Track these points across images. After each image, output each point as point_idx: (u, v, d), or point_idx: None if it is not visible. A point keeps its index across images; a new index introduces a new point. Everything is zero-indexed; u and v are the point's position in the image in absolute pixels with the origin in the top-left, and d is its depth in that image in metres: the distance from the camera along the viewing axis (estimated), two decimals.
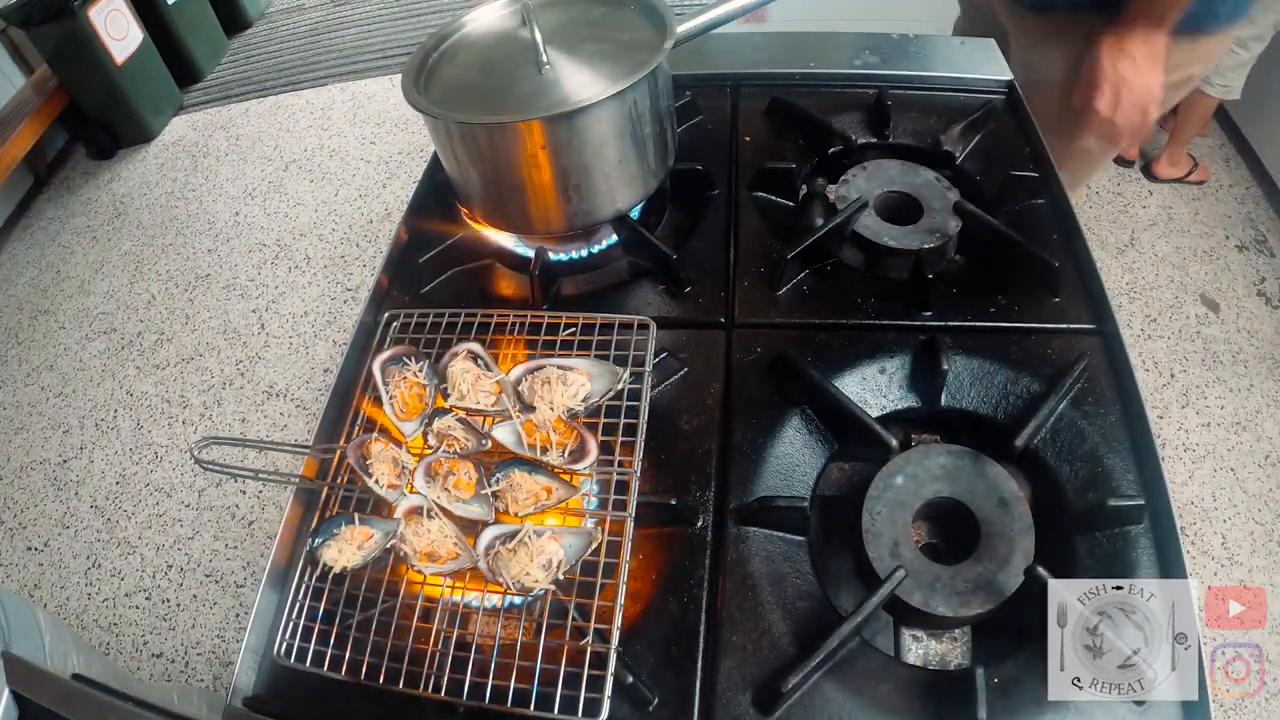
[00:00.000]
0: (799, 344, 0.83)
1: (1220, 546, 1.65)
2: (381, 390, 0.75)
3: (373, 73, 3.34)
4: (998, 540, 0.67)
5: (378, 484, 0.69)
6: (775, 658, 0.64)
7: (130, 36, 2.94)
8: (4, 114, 2.77)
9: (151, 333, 2.43)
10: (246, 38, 3.73)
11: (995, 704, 0.59)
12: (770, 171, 1.01)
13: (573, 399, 0.73)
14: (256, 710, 0.66)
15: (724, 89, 1.18)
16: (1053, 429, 0.75)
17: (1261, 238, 2.23)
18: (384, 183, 2.79)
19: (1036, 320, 0.84)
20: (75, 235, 2.81)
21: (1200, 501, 1.72)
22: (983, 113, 1.06)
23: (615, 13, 0.91)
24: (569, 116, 0.79)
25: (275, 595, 0.71)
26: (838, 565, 0.73)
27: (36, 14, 2.65)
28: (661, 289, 0.92)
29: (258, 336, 2.35)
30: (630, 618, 0.65)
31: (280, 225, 2.69)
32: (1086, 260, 0.88)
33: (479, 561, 0.64)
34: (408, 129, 2.98)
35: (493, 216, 0.93)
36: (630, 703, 0.62)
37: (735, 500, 0.72)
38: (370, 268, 2.48)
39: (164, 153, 3.10)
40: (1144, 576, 0.65)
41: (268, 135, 3.09)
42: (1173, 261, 2.20)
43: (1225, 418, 1.86)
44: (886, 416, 0.78)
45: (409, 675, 0.61)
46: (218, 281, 2.54)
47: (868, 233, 0.90)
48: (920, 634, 0.69)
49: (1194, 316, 2.07)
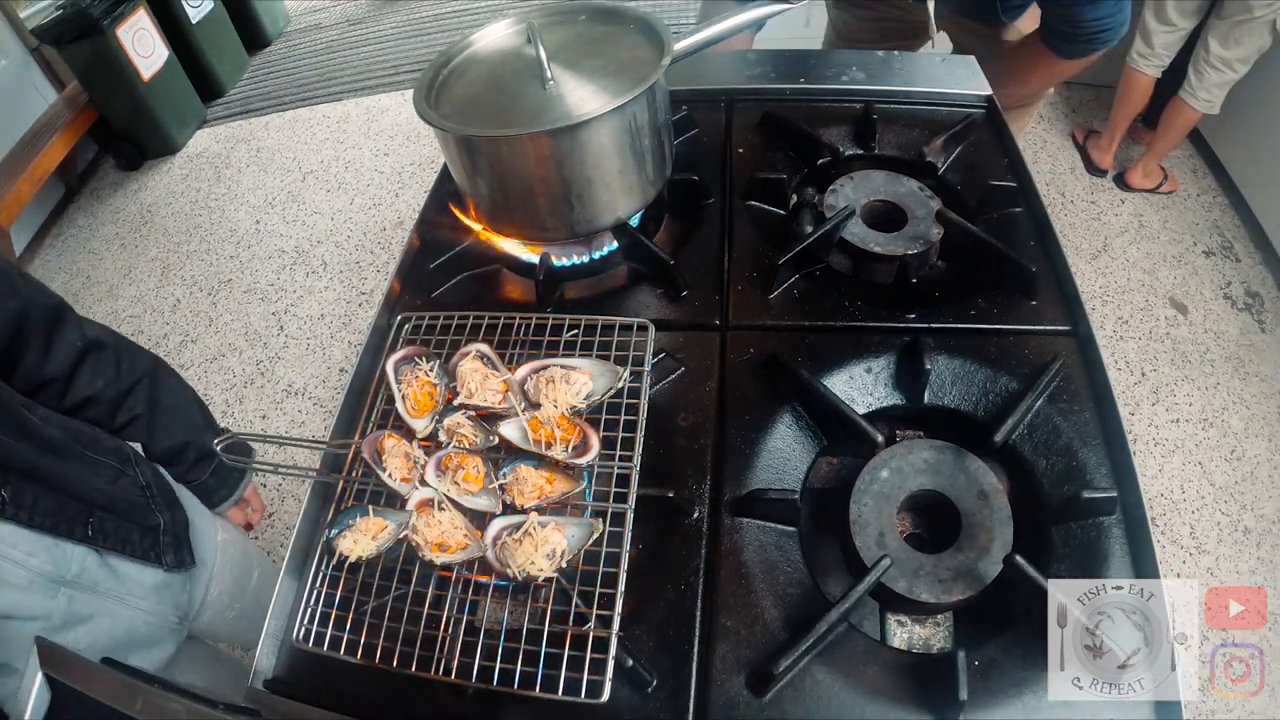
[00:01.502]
0: (790, 345, 0.83)
1: (1189, 536, 1.65)
2: (394, 389, 0.75)
3: (386, 88, 3.33)
4: (978, 530, 0.67)
5: (391, 478, 0.69)
6: (767, 642, 0.64)
7: (156, 54, 2.94)
8: (37, 128, 2.77)
9: (177, 334, 2.42)
10: (266, 55, 3.73)
11: (976, 685, 0.59)
12: (762, 181, 1.01)
13: (576, 397, 0.73)
14: (277, 692, 0.66)
15: (718, 103, 1.18)
16: (1030, 425, 0.75)
17: (1228, 244, 2.23)
18: (396, 192, 2.79)
19: (1014, 322, 0.84)
20: (104, 242, 2.81)
21: (1170, 494, 1.73)
22: (963, 126, 1.06)
23: (616, 31, 0.91)
24: (572, 130, 0.79)
25: (294, 583, 0.71)
26: (826, 554, 0.73)
27: (68, 33, 2.65)
28: (660, 293, 0.92)
29: (277, 338, 2.35)
30: (630, 604, 0.65)
31: (299, 233, 2.69)
32: (1062, 265, 0.88)
33: (487, 551, 0.64)
34: (419, 142, 2.98)
35: (499, 224, 0.93)
36: (630, 685, 0.62)
37: (730, 493, 0.73)
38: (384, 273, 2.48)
39: (188, 164, 3.10)
40: (1116, 565, 0.65)
41: (286, 147, 3.09)
42: (1143, 266, 2.20)
43: (1193, 414, 1.86)
44: (872, 413, 0.78)
45: (420, 659, 0.61)
46: (239, 286, 2.54)
47: (855, 239, 0.90)
48: (905, 619, 0.69)
49: (1163, 319, 2.07)
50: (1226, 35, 1.94)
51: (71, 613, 0.71)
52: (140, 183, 3.05)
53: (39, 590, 0.68)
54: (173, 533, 0.82)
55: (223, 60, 3.40)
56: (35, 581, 0.67)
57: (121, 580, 0.75)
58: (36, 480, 0.67)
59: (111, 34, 2.69)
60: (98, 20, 2.63)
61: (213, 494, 0.94)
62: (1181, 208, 2.36)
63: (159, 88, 2.96)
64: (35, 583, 0.67)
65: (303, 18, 4.00)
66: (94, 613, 0.73)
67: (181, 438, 0.89)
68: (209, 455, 0.90)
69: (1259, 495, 1.70)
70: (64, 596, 0.70)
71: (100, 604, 0.73)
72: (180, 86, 3.12)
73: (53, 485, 0.68)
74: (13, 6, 2.73)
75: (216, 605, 0.92)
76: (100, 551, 0.73)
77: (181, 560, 0.83)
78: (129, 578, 0.76)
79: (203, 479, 0.92)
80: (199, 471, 0.92)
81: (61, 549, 0.69)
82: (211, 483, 0.93)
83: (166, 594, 0.82)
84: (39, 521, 0.67)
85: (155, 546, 0.79)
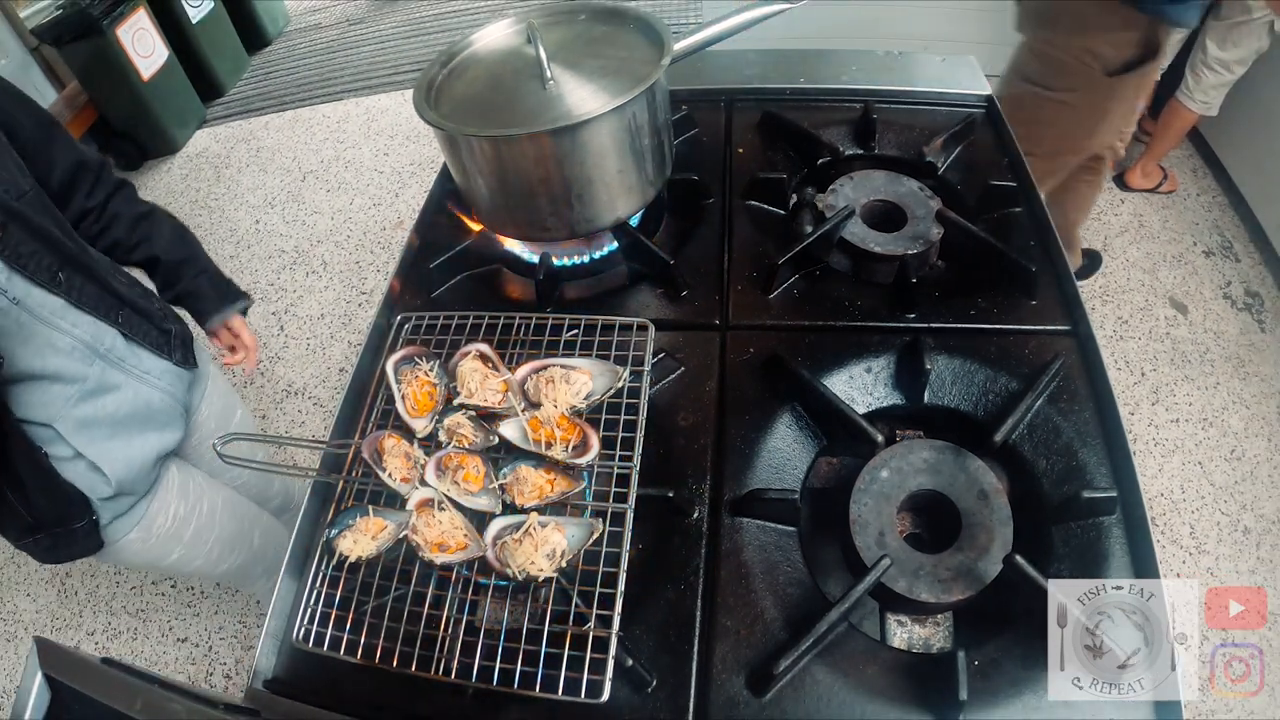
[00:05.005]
0: (790, 345, 0.83)
1: (1189, 536, 1.65)
2: (394, 388, 0.75)
3: (386, 88, 3.33)
4: (978, 530, 0.67)
5: (391, 477, 0.69)
6: (767, 642, 0.64)
7: (156, 54, 2.93)
8: None
9: None
10: (266, 55, 3.73)
11: (975, 685, 0.59)
12: (762, 181, 1.01)
13: (576, 397, 0.73)
14: (277, 692, 0.66)
15: (718, 103, 1.18)
16: (1030, 425, 0.75)
17: (1227, 244, 2.23)
18: (396, 192, 2.79)
19: (1014, 322, 0.84)
20: None
21: (1169, 493, 1.72)
22: (964, 126, 1.06)
23: (616, 31, 0.91)
24: (572, 130, 0.79)
25: (294, 583, 0.71)
26: (826, 554, 0.73)
27: (67, 33, 2.65)
28: (660, 292, 0.92)
29: (277, 338, 2.35)
30: (630, 604, 0.65)
31: (298, 233, 2.69)
32: (1062, 265, 0.88)
33: (487, 551, 0.64)
34: (419, 141, 2.97)
35: (499, 224, 0.93)
36: (630, 685, 0.62)
37: (729, 493, 0.72)
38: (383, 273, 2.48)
39: (188, 164, 3.10)
40: (1116, 565, 0.65)
41: (286, 147, 3.08)
42: (1143, 266, 2.19)
43: (1193, 414, 1.86)
44: (872, 413, 0.78)
45: (420, 659, 0.61)
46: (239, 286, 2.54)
47: (855, 239, 0.90)
48: (905, 619, 0.69)
49: (1163, 318, 2.06)
50: (1224, 37, 1.94)
51: (103, 381, 0.88)
52: (140, 182, 3.04)
53: (79, 357, 0.84)
54: (180, 338, 1.02)
55: (222, 60, 3.40)
56: (76, 349, 0.84)
57: (141, 361, 0.94)
58: (82, 271, 0.85)
59: (111, 34, 2.69)
60: (98, 20, 2.63)
61: (207, 307, 1.08)
62: (1181, 208, 2.36)
63: (159, 87, 2.95)
64: (77, 350, 0.84)
65: (303, 18, 4.00)
66: (119, 384, 0.90)
67: (184, 252, 1.06)
68: (205, 271, 1.08)
69: (1259, 495, 1.70)
70: (98, 366, 0.87)
71: (125, 379, 0.91)
72: (180, 86, 3.12)
73: (94, 278, 0.86)
74: (13, 6, 2.72)
75: (204, 430, 1.11)
76: (126, 337, 0.91)
77: (187, 360, 1.03)
78: (148, 360, 0.95)
79: (203, 289, 1.08)
80: (199, 283, 1.07)
81: (98, 327, 0.87)
82: (210, 294, 1.08)
83: (177, 382, 1.01)
84: (84, 302, 0.84)
85: (167, 344, 0.99)
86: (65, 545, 0.90)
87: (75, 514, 0.88)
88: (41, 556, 0.91)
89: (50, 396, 0.83)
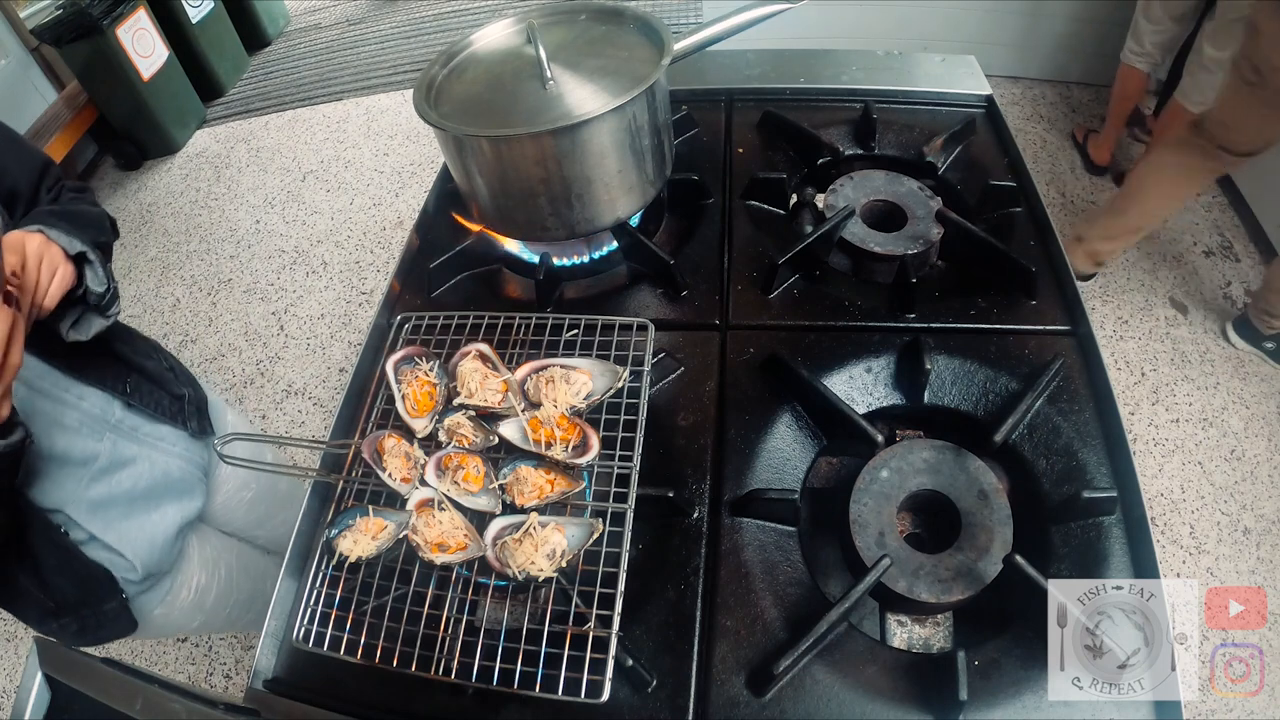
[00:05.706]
0: (790, 345, 0.83)
1: (1189, 536, 1.65)
2: (394, 388, 0.75)
3: (386, 88, 3.33)
4: (978, 530, 0.67)
5: (391, 478, 0.69)
6: (767, 642, 0.64)
7: (156, 54, 2.93)
8: (37, 127, 2.77)
9: (176, 334, 2.42)
10: (266, 55, 3.73)
11: (976, 685, 0.59)
12: (762, 181, 1.01)
13: (576, 397, 0.73)
14: (276, 692, 0.66)
15: (718, 103, 1.18)
16: (1030, 425, 0.75)
17: (1227, 244, 2.23)
18: (396, 192, 2.79)
19: (1014, 322, 0.84)
20: None
21: (1169, 493, 1.72)
22: (963, 126, 1.06)
23: (616, 31, 0.91)
24: (572, 129, 0.79)
25: (294, 583, 0.71)
26: (826, 554, 0.73)
27: (68, 32, 2.65)
28: (659, 292, 0.92)
29: (277, 338, 2.35)
30: (630, 604, 0.65)
31: (298, 232, 2.69)
32: (1061, 265, 0.88)
33: (487, 551, 0.64)
34: (419, 141, 2.97)
35: (499, 224, 0.93)
36: (630, 684, 0.62)
37: (729, 493, 0.72)
38: (384, 273, 2.48)
39: (188, 164, 3.10)
40: (1116, 565, 0.65)
41: (286, 147, 3.08)
42: (1143, 266, 2.20)
43: (1193, 414, 1.86)
44: (872, 413, 0.78)
45: (420, 659, 0.61)
46: (239, 286, 2.54)
47: (855, 239, 0.90)
48: (905, 619, 0.69)
49: (1163, 318, 2.07)
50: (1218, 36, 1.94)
51: (116, 455, 0.82)
52: (140, 182, 3.04)
53: (88, 433, 0.79)
54: (195, 404, 0.97)
55: (222, 60, 3.40)
56: (85, 423, 0.79)
57: (156, 428, 0.89)
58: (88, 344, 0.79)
59: (111, 34, 2.69)
60: (98, 20, 2.63)
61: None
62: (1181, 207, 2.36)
63: (159, 87, 2.95)
64: (85, 424, 0.79)
65: (302, 18, 4.00)
66: (134, 457, 0.85)
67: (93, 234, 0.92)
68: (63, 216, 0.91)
69: (1259, 495, 1.70)
70: (109, 440, 0.81)
71: (140, 449, 0.86)
72: (180, 86, 3.12)
73: (100, 350, 0.82)
74: (13, 6, 2.72)
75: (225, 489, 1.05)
76: (135, 408, 0.86)
77: (203, 428, 0.97)
78: (162, 427, 0.90)
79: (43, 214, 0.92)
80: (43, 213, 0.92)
81: (106, 399, 0.82)
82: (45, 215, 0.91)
83: (195, 446, 0.95)
84: (89, 375, 0.80)
85: (181, 412, 0.93)
86: (94, 629, 0.84)
87: (103, 594, 0.82)
88: (71, 641, 0.84)
89: (61, 478, 0.76)
